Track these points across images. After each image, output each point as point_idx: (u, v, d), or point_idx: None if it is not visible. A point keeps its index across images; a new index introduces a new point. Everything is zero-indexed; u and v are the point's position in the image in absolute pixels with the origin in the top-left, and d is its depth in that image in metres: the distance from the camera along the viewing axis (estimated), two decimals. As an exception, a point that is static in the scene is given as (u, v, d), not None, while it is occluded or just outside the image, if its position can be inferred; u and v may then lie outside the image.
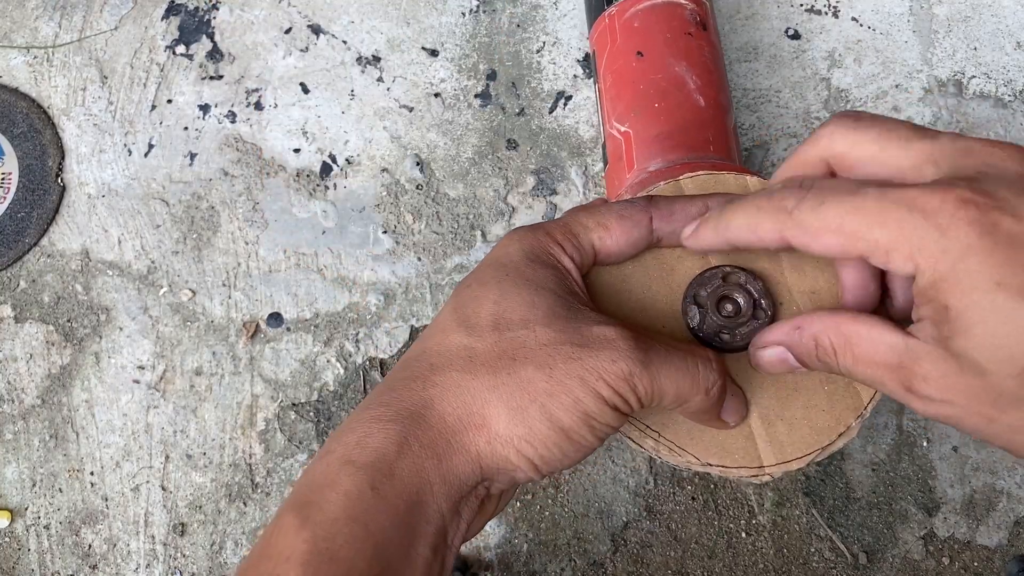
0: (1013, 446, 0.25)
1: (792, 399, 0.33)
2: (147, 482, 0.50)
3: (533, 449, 0.30)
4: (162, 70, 0.56)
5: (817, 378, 0.33)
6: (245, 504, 0.49)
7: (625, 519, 0.48)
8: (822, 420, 0.33)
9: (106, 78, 0.56)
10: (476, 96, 0.54)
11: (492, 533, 0.48)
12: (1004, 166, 0.25)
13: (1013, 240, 0.23)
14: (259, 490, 0.49)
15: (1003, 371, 0.24)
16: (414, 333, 0.51)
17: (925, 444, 0.48)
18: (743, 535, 0.48)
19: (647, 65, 0.44)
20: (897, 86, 0.53)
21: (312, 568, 0.28)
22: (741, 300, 0.32)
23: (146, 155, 0.55)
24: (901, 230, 0.25)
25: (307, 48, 0.56)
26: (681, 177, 0.35)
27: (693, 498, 0.48)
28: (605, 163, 0.46)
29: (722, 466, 0.32)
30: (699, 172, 0.35)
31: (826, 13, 0.55)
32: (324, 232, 0.53)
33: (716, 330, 0.33)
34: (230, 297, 0.52)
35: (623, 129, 0.44)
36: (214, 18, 0.57)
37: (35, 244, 0.54)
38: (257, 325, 0.52)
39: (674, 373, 0.31)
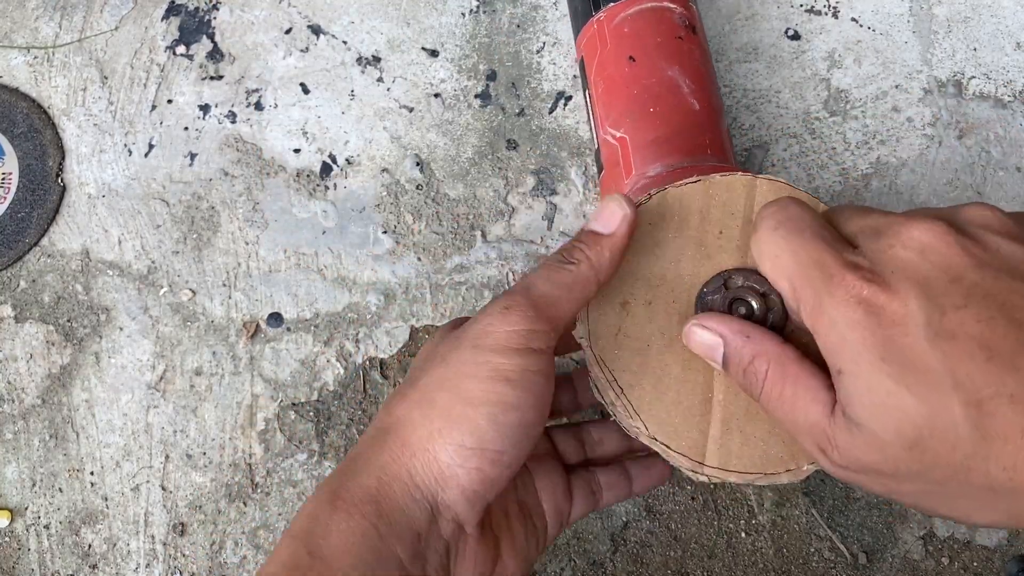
0: (920, 509, 0.26)
1: (760, 418, 0.33)
2: (147, 482, 0.50)
3: (457, 432, 0.29)
4: (162, 70, 0.56)
5: None
6: (245, 504, 0.49)
7: (625, 519, 0.48)
8: (778, 450, 0.33)
9: (106, 78, 0.56)
10: (476, 96, 0.55)
11: (492, 533, 0.48)
12: (925, 244, 0.26)
13: (897, 322, 0.24)
14: (259, 490, 0.49)
15: (896, 443, 0.24)
16: (414, 333, 0.51)
17: (925, 444, 0.48)
18: (743, 535, 0.48)
19: (640, 70, 0.43)
20: (897, 86, 0.53)
21: None
22: (754, 301, 0.32)
23: (146, 155, 0.55)
24: (810, 289, 0.27)
25: (307, 48, 0.56)
26: (669, 187, 0.35)
27: (693, 498, 0.48)
28: (600, 169, 0.46)
29: (665, 445, 0.32)
30: (687, 181, 0.35)
31: (826, 14, 0.55)
32: (324, 232, 0.53)
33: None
34: (230, 297, 0.52)
35: (618, 135, 0.43)
36: (214, 18, 0.57)
37: (35, 244, 0.54)
38: (257, 325, 0.52)
39: (544, 280, 0.30)
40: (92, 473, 0.50)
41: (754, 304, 0.32)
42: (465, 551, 0.31)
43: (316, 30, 0.56)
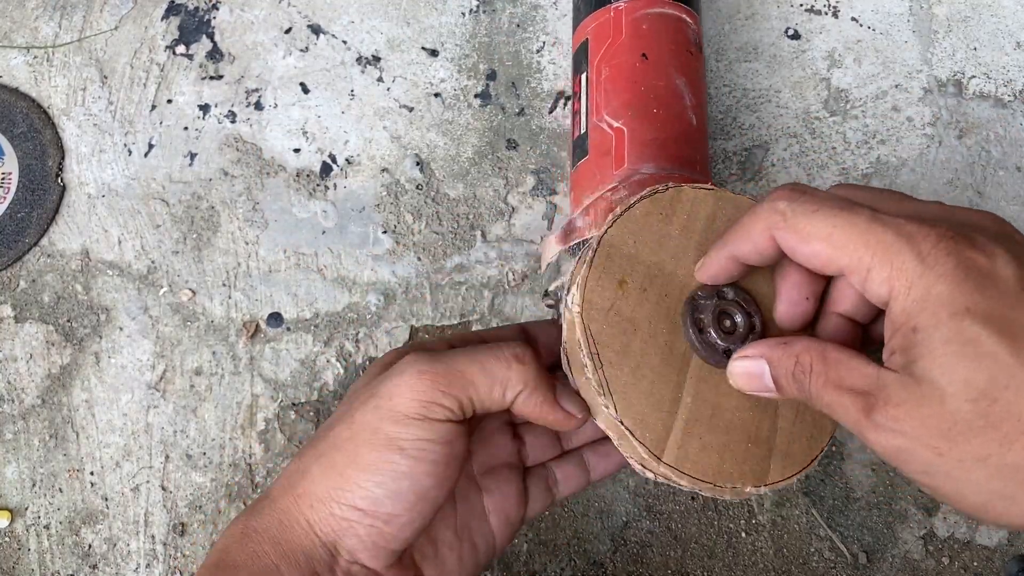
0: (954, 491, 0.25)
1: (719, 429, 0.33)
2: (147, 482, 0.50)
3: (349, 494, 0.30)
4: (162, 70, 0.56)
5: (754, 431, 0.33)
6: (245, 504, 0.49)
7: (625, 519, 0.48)
8: (729, 466, 0.33)
9: (106, 78, 0.56)
10: (476, 96, 0.55)
11: (492, 533, 0.48)
12: (983, 224, 0.27)
13: (985, 274, 0.24)
14: (259, 490, 0.49)
15: (960, 394, 0.24)
16: (414, 333, 0.51)
17: (925, 444, 0.48)
18: (743, 535, 0.48)
19: (650, 69, 0.43)
20: (897, 86, 0.53)
21: None
22: (739, 317, 0.33)
23: (146, 155, 0.55)
24: (885, 252, 0.26)
25: (307, 48, 0.56)
26: (686, 185, 0.35)
27: (693, 498, 0.48)
28: (582, 155, 0.45)
29: (629, 429, 0.32)
30: (701, 185, 0.36)
31: (826, 13, 0.55)
32: (324, 232, 0.53)
33: (714, 344, 0.33)
34: (230, 297, 0.52)
35: (616, 125, 0.43)
36: (214, 18, 0.57)
37: (35, 244, 0.54)
38: (257, 325, 0.52)
39: (474, 357, 0.31)
40: (92, 473, 0.50)
41: (739, 319, 0.32)
42: None
43: (316, 30, 0.56)
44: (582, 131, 0.45)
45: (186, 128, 0.55)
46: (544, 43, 0.55)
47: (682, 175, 0.41)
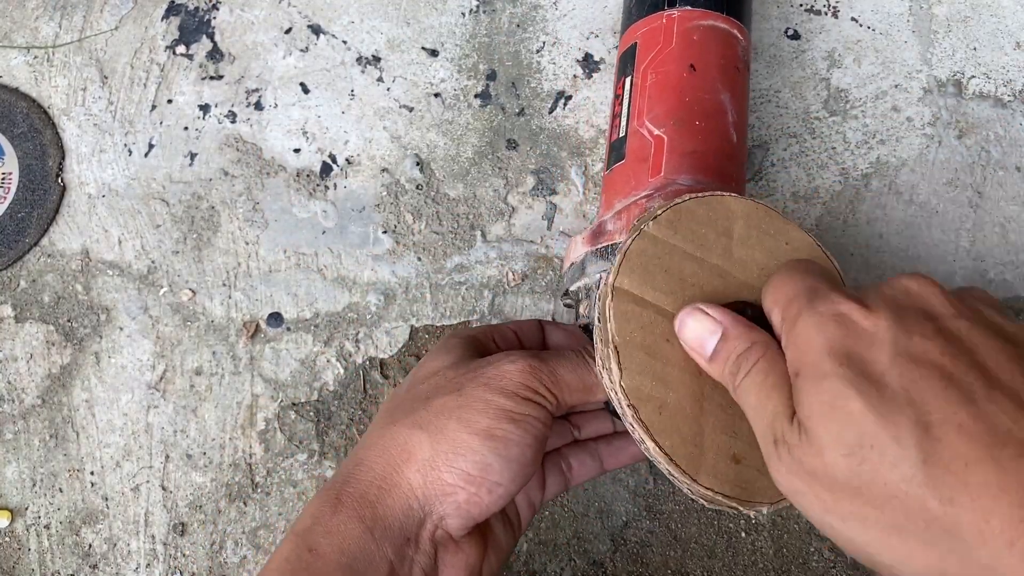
0: (855, 549, 0.25)
1: (745, 443, 0.33)
2: (147, 482, 0.50)
3: (463, 459, 0.32)
4: (162, 70, 0.56)
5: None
6: (245, 504, 0.49)
7: (625, 518, 0.48)
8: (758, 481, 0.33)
9: (106, 78, 0.56)
10: (476, 96, 0.55)
11: (492, 533, 0.48)
12: (890, 292, 0.28)
13: (863, 334, 0.25)
14: (259, 490, 0.49)
15: (835, 448, 0.24)
16: (414, 333, 0.51)
17: (925, 444, 0.48)
18: (743, 535, 0.48)
19: (697, 81, 0.43)
20: (896, 86, 0.53)
21: None
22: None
23: (146, 155, 0.55)
24: (796, 304, 0.28)
25: (307, 48, 0.56)
26: (724, 194, 0.35)
27: (693, 498, 0.48)
28: (618, 159, 0.44)
29: (630, 402, 0.32)
30: (735, 195, 0.36)
31: (826, 13, 0.55)
32: (324, 232, 0.53)
33: None
34: (230, 297, 0.52)
35: (657, 132, 0.42)
36: (214, 18, 0.57)
37: (35, 244, 0.54)
38: (257, 325, 0.52)
39: (570, 365, 0.34)
40: (92, 473, 0.50)
41: None
42: (454, 555, 0.33)
43: (316, 30, 0.56)
44: (621, 134, 0.45)
45: (186, 128, 0.55)
46: (544, 43, 0.55)
47: (718, 190, 0.41)
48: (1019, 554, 0.20)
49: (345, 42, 0.56)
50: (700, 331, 0.31)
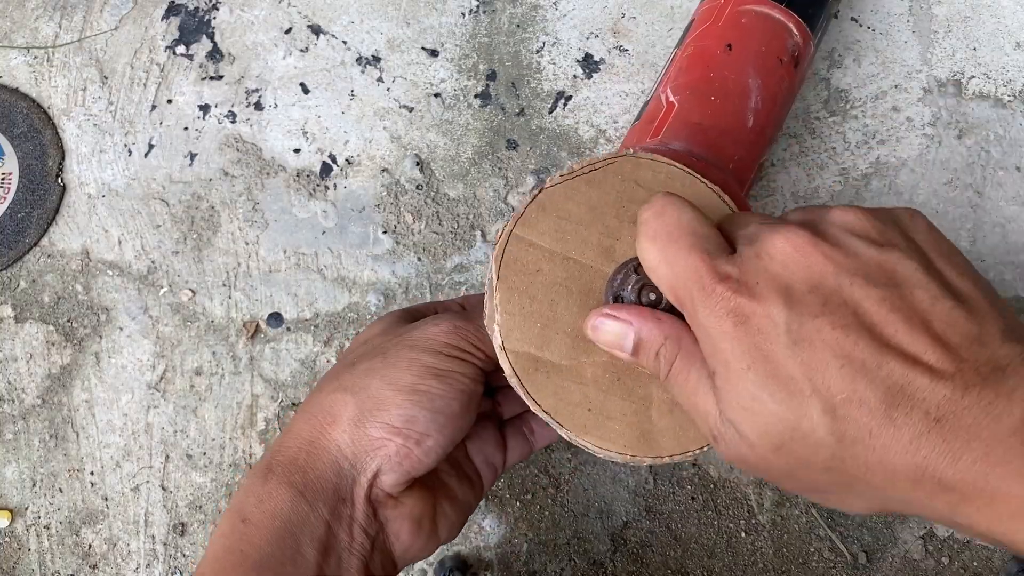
0: (807, 497, 0.28)
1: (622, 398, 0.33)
2: (147, 482, 0.50)
3: (387, 414, 0.33)
4: (162, 70, 0.56)
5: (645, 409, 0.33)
6: (245, 504, 0.49)
7: (625, 519, 0.48)
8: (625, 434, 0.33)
9: (106, 78, 0.56)
10: (476, 96, 0.55)
11: (492, 533, 0.48)
12: (768, 265, 0.27)
13: (760, 329, 0.25)
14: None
15: (764, 444, 0.26)
16: (414, 333, 0.51)
17: (924, 444, 0.48)
18: (742, 535, 0.48)
19: (728, 60, 0.44)
20: (896, 86, 0.53)
21: None
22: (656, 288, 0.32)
23: (146, 155, 0.55)
24: (686, 297, 0.28)
25: (307, 48, 0.56)
26: (622, 154, 0.35)
27: (693, 498, 0.48)
28: (636, 119, 0.46)
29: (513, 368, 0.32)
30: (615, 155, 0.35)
31: (826, 13, 0.55)
32: (324, 232, 0.53)
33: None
34: (230, 297, 0.52)
35: (671, 99, 0.44)
36: (214, 18, 0.57)
37: (35, 244, 0.54)
38: (257, 325, 0.52)
39: None
40: (92, 473, 0.50)
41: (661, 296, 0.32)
42: (394, 509, 0.34)
43: (316, 30, 0.56)
44: (648, 98, 0.46)
45: (186, 128, 0.55)
46: (544, 43, 0.55)
47: (703, 162, 0.41)
48: (921, 489, 0.23)
49: (345, 42, 0.56)
50: (614, 334, 0.31)
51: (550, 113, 0.54)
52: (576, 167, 0.35)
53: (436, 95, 0.55)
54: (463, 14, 0.56)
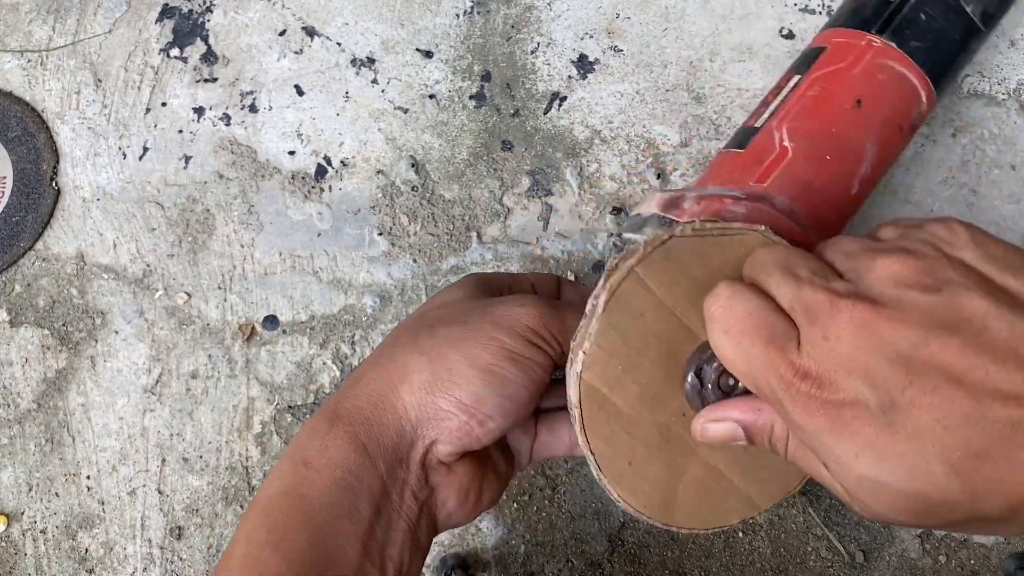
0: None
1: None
2: (143, 486, 0.50)
3: (458, 388, 0.33)
4: (156, 73, 0.56)
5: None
6: (242, 507, 0.49)
7: (622, 519, 0.48)
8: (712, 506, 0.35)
9: (100, 81, 0.56)
10: (471, 97, 0.55)
11: (490, 534, 0.48)
12: (839, 349, 0.27)
13: (856, 416, 0.26)
14: (255, 493, 0.49)
15: (901, 518, 0.26)
16: (410, 335, 0.51)
17: (921, 442, 0.48)
18: (740, 534, 0.48)
19: (856, 119, 0.40)
20: (891, 85, 0.53)
21: (252, 535, 0.31)
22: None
23: (141, 158, 0.55)
24: (770, 394, 0.28)
25: (301, 50, 0.56)
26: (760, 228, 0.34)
27: (690, 498, 0.48)
28: (738, 145, 0.42)
29: (579, 400, 0.33)
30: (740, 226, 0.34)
31: (820, 12, 0.55)
32: (319, 234, 0.53)
33: (705, 399, 0.33)
34: (226, 300, 0.52)
35: (785, 143, 0.40)
36: (208, 21, 0.57)
37: (30, 248, 0.54)
38: (253, 328, 0.52)
39: (578, 314, 0.34)
40: (88, 477, 0.50)
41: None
42: (444, 476, 0.34)
43: (310, 32, 0.56)
44: (757, 125, 0.42)
45: (181, 131, 0.55)
46: (539, 44, 0.55)
47: (800, 228, 0.38)
48: None
49: (339, 44, 0.56)
50: (724, 434, 0.31)
51: (545, 114, 0.54)
52: (708, 225, 0.33)
53: (431, 96, 0.55)
54: (457, 15, 0.56)
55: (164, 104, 0.56)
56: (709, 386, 0.32)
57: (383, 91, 0.55)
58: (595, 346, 0.32)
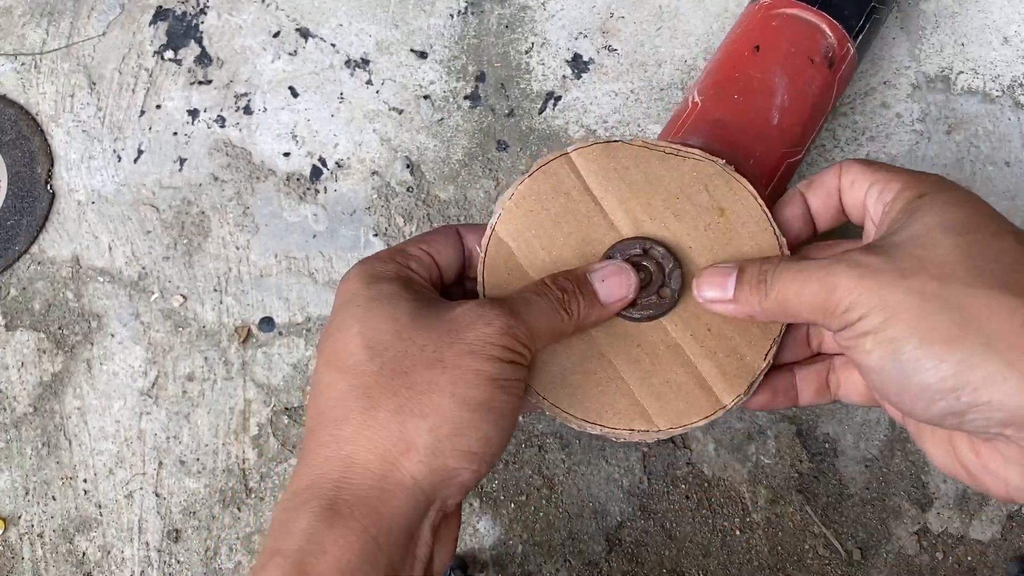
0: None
1: (656, 375, 0.35)
2: (140, 488, 0.50)
3: (466, 439, 0.31)
4: (151, 75, 0.56)
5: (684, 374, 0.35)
6: (239, 509, 0.49)
7: (620, 519, 0.48)
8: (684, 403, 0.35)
9: (94, 84, 0.56)
10: (465, 98, 0.54)
11: (487, 534, 0.48)
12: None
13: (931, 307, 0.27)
14: (253, 495, 0.49)
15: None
16: (406, 336, 0.51)
17: (917, 439, 0.48)
18: (737, 533, 0.48)
19: (756, 61, 0.44)
20: (885, 83, 0.53)
21: None
22: (653, 271, 0.34)
23: (135, 161, 0.55)
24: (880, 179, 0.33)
25: (296, 52, 0.56)
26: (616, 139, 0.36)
27: (687, 497, 0.48)
28: (668, 121, 0.46)
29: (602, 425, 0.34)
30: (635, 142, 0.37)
31: (814, 10, 0.55)
32: (315, 236, 0.53)
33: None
34: (221, 302, 0.52)
35: (697, 99, 0.44)
36: (202, 23, 0.57)
37: (25, 251, 0.53)
38: (249, 330, 0.52)
39: (540, 314, 0.33)
40: (85, 480, 0.50)
41: (651, 269, 0.35)
42: (446, 528, 0.33)
43: (304, 33, 0.56)
44: (680, 101, 0.46)
45: (175, 133, 0.55)
46: (532, 44, 0.55)
47: (720, 156, 0.41)
48: None
49: (334, 45, 0.56)
50: (718, 279, 0.33)
51: (540, 114, 0.54)
52: (662, 144, 0.36)
53: (426, 97, 0.55)
54: (452, 16, 0.56)
55: (159, 106, 0.56)
56: None
57: (378, 92, 0.55)
58: (512, 203, 0.35)
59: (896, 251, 0.29)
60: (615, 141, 0.36)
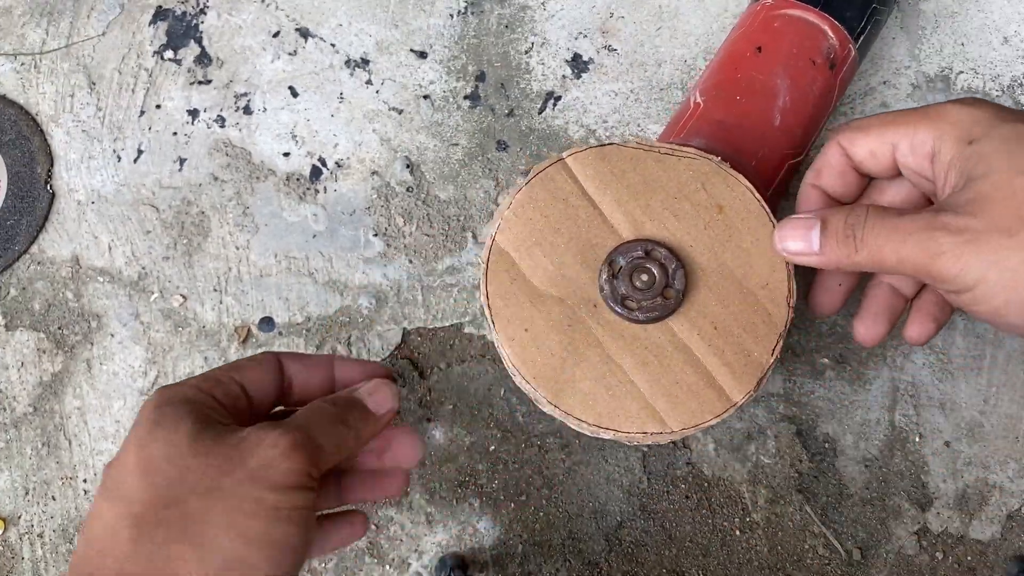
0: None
1: (664, 377, 0.36)
2: (140, 489, 0.50)
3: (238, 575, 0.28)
4: (150, 75, 0.56)
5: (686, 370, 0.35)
6: (239, 509, 0.49)
7: (619, 518, 0.48)
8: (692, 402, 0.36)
9: (94, 84, 0.56)
10: (465, 98, 0.54)
11: (487, 535, 0.48)
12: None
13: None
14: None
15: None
16: (406, 336, 0.51)
17: (918, 440, 0.48)
18: (737, 533, 0.48)
19: (758, 61, 0.44)
20: (885, 82, 0.53)
21: None
22: (656, 272, 0.34)
23: (135, 161, 0.55)
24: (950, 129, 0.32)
25: (295, 52, 0.56)
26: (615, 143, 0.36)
27: (687, 497, 0.48)
28: (671, 121, 0.46)
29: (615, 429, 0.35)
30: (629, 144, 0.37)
31: (814, 10, 0.55)
32: (315, 236, 0.53)
33: (622, 297, 0.35)
34: (221, 302, 0.52)
35: (698, 100, 0.44)
36: (202, 23, 0.57)
37: (25, 251, 0.53)
38: (249, 330, 0.52)
39: (325, 428, 0.32)
40: (85, 481, 0.50)
41: (655, 272, 0.35)
42: None
43: (304, 33, 0.56)
44: (680, 101, 0.46)
45: (175, 133, 0.55)
46: (533, 44, 0.55)
47: (721, 157, 0.41)
48: None
49: (333, 45, 0.56)
50: (801, 231, 0.33)
51: (540, 114, 0.54)
52: (658, 144, 0.37)
53: (425, 97, 0.55)
54: (451, 15, 0.56)
55: (158, 106, 0.56)
56: (621, 279, 0.35)
57: (377, 92, 0.55)
58: (512, 213, 0.36)
59: (989, 207, 0.28)
60: (610, 144, 0.36)
